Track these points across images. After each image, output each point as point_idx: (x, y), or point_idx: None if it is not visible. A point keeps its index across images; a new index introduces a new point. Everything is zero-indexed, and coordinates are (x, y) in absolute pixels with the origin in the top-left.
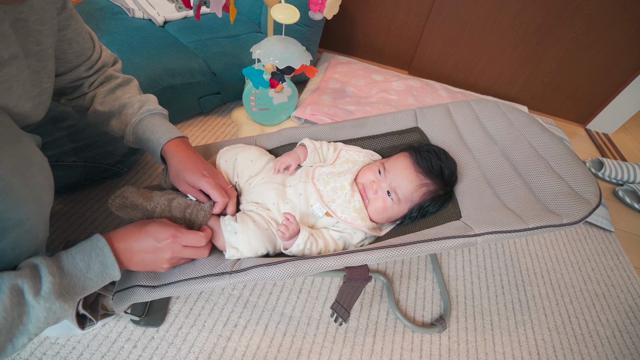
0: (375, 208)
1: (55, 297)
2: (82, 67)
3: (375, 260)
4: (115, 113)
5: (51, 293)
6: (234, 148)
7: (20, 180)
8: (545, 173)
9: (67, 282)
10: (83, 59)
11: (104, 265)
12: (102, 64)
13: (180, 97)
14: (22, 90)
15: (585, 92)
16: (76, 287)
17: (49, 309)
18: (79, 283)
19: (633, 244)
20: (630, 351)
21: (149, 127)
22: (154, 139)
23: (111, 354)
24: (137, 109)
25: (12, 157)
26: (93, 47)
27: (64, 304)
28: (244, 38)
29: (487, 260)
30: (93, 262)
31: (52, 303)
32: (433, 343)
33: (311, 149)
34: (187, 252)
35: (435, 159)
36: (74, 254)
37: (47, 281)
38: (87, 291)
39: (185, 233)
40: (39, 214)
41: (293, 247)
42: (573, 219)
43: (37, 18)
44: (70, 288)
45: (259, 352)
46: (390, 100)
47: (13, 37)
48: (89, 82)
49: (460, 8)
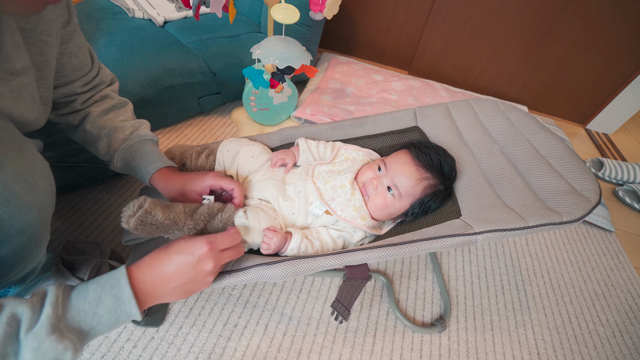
0: (375, 204)
1: (47, 334)
2: (78, 83)
3: (375, 259)
4: (104, 136)
5: (42, 328)
6: (238, 141)
7: (23, 188)
8: (545, 171)
9: (71, 317)
10: (80, 74)
11: (118, 300)
12: (99, 81)
13: (180, 97)
14: (30, 100)
15: (585, 92)
16: (82, 324)
17: (36, 349)
18: (86, 319)
19: (633, 244)
20: (630, 351)
21: (138, 153)
22: (142, 167)
23: (111, 354)
24: (128, 134)
25: (16, 165)
26: (91, 64)
27: (57, 343)
28: (244, 38)
29: (487, 260)
30: (106, 294)
31: (40, 341)
32: (433, 343)
33: (303, 148)
34: (226, 256)
35: (435, 154)
36: (88, 283)
37: (44, 314)
38: (96, 331)
39: (219, 237)
40: (41, 220)
41: (288, 252)
42: (573, 217)
43: (44, 29)
44: (74, 325)
45: (259, 352)
46: (390, 100)
47: (24, 48)
48: (82, 98)
49: (460, 8)
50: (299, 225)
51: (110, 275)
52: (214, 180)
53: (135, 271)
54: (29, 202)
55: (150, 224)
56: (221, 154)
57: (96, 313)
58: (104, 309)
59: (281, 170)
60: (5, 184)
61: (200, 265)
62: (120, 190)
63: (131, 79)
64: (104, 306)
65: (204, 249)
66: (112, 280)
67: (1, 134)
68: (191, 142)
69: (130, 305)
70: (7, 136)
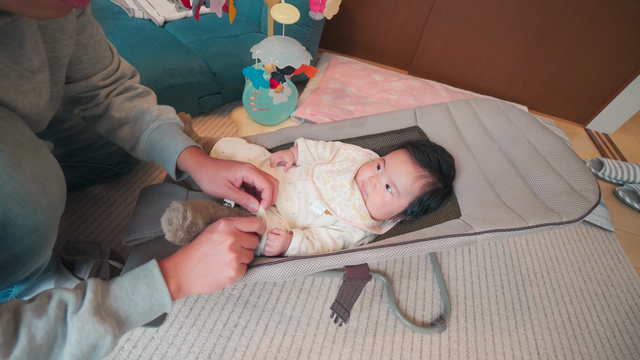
0: (374, 203)
1: (89, 316)
2: (99, 76)
3: (375, 259)
4: (130, 120)
5: (85, 310)
6: (236, 142)
7: (38, 189)
8: (544, 171)
9: (110, 304)
10: (100, 67)
11: (152, 287)
12: (121, 74)
13: (180, 97)
14: (48, 97)
15: (585, 92)
16: (119, 310)
17: (80, 329)
18: (123, 306)
19: (633, 244)
20: (630, 351)
21: (166, 134)
22: (171, 146)
23: (111, 354)
24: (155, 116)
25: (32, 166)
26: (112, 57)
27: (99, 325)
28: (244, 38)
29: (487, 260)
30: (140, 283)
31: (84, 322)
32: (433, 343)
33: (302, 148)
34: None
35: (433, 152)
36: (123, 276)
37: (86, 299)
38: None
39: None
40: (52, 220)
41: (288, 252)
42: (573, 217)
43: (56, 27)
44: (113, 310)
45: (259, 352)
46: (390, 100)
47: (42, 46)
48: (106, 91)
49: (460, 8)
50: (299, 226)
51: (143, 267)
52: (249, 173)
53: (166, 262)
54: (43, 203)
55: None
56: (216, 155)
57: (132, 300)
58: (139, 296)
59: (280, 169)
60: (23, 185)
61: (217, 237)
62: (120, 190)
63: None
64: (138, 293)
65: (221, 223)
66: (145, 271)
67: (19, 136)
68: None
69: (162, 293)
70: (25, 138)
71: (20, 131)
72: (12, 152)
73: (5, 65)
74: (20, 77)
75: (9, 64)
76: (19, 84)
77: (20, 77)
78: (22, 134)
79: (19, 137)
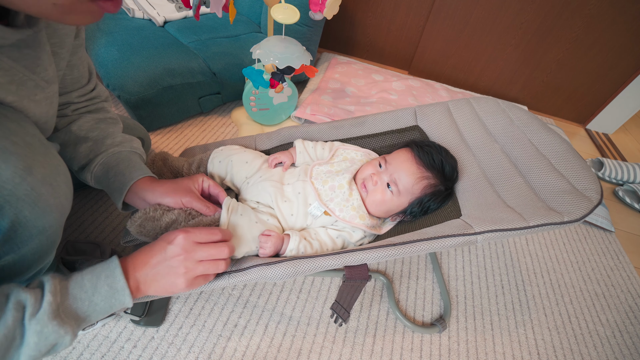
0: (373, 200)
1: (49, 319)
2: (75, 93)
3: (375, 259)
4: (90, 139)
5: (44, 314)
6: (229, 149)
7: (48, 191)
8: (545, 171)
9: (69, 304)
10: (77, 86)
11: (113, 289)
12: (96, 94)
13: (180, 97)
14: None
15: (585, 92)
16: (78, 312)
17: (39, 332)
18: (83, 307)
19: (633, 244)
20: (630, 351)
21: (125, 161)
22: (127, 173)
23: (111, 354)
24: (118, 142)
25: (43, 169)
26: (89, 77)
27: (58, 328)
28: (244, 38)
29: (487, 260)
30: (101, 283)
31: (43, 326)
32: (433, 343)
33: (300, 149)
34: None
35: (437, 154)
36: (83, 275)
37: (45, 301)
38: (92, 318)
39: (195, 228)
40: (59, 221)
41: (287, 253)
42: (574, 217)
43: (57, 41)
44: (72, 311)
45: (259, 352)
46: (390, 100)
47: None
48: (75, 107)
49: (460, 8)
50: (298, 227)
51: (104, 266)
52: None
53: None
54: (52, 205)
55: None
56: (212, 165)
57: (92, 301)
58: (99, 297)
59: (279, 170)
60: (34, 187)
61: (171, 249)
62: None
63: (131, 79)
64: (99, 294)
65: (176, 233)
66: (106, 271)
67: (30, 139)
68: (191, 143)
69: (124, 293)
70: (35, 141)
71: (31, 134)
72: (23, 155)
73: (24, 74)
74: (36, 87)
75: (27, 73)
76: (33, 93)
77: (36, 87)
78: (33, 137)
79: (30, 139)
